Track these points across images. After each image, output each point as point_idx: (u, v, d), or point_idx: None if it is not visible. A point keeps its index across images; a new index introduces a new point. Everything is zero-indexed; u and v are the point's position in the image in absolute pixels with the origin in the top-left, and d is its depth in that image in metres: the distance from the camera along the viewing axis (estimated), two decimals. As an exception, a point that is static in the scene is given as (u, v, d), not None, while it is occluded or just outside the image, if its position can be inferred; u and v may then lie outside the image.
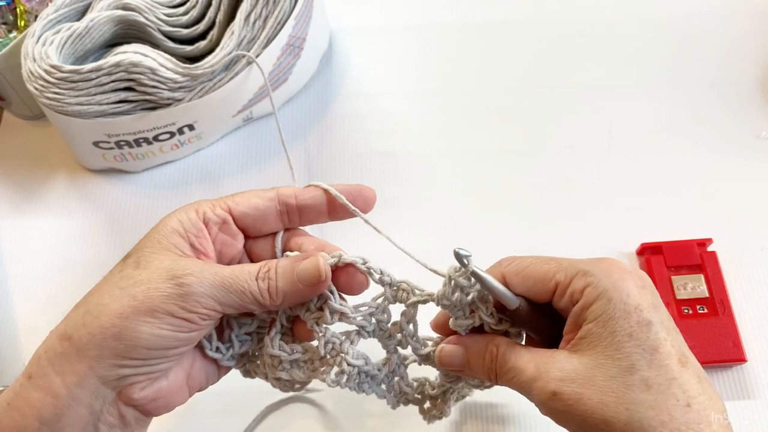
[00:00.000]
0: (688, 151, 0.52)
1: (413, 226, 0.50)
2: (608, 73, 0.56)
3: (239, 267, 0.33)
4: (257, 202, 0.35)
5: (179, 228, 0.34)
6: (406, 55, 0.58)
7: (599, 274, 0.30)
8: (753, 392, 0.44)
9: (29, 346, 0.47)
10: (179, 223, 0.34)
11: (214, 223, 0.35)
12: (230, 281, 0.32)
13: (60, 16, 0.49)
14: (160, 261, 0.32)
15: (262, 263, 0.34)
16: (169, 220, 0.34)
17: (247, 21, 0.48)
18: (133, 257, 0.33)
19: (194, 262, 0.33)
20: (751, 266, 0.48)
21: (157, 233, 0.34)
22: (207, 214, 0.34)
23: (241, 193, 0.36)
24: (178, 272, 0.31)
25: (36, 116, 0.56)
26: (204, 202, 0.35)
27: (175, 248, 0.33)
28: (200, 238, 0.34)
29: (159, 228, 0.34)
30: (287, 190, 0.36)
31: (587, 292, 0.30)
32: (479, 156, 0.53)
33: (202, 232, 0.34)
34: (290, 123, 0.55)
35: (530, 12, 0.60)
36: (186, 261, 0.32)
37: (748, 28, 0.58)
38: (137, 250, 0.33)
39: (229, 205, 0.35)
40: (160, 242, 0.33)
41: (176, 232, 0.33)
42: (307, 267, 0.33)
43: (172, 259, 0.32)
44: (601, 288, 0.29)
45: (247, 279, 0.33)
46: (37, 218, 0.52)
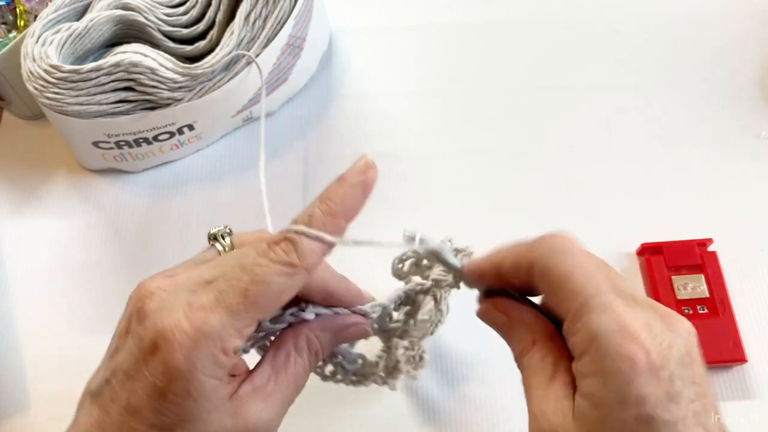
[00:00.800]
0: (688, 151, 0.52)
1: (413, 225, 0.50)
2: (608, 73, 0.56)
3: (295, 379, 0.30)
4: (288, 298, 0.28)
5: (215, 383, 0.26)
6: (406, 55, 0.58)
7: (606, 348, 0.24)
8: (753, 392, 0.44)
9: (29, 347, 0.47)
10: (213, 380, 0.26)
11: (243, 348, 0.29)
12: (297, 393, 0.30)
13: (60, 16, 0.49)
14: (220, 424, 0.27)
15: (310, 355, 0.31)
16: (200, 382, 0.26)
17: (247, 21, 0.48)
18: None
19: (255, 406, 0.28)
20: (752, 266, 0.47)
21: (195, 403, 0.26)
22: (238, 347, 0.27)
23: (262, 287, 0.26)
24: (256, 429, 0.28)
25: (36, 116, 0.56)
26: (224, 333, 0.26)
27: (221, 398, 0.27)
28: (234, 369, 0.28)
29: (192, 394, 0.26)
30: (312, 261, 0.28)
31: (584, 362, 0.25)
32: (479, 156, 0.53)
33: (236, 367, 0.28)
34: (290, 123, 0.55)
35: (530, 12, 0.60)
36: (245, 409, 0.27)
37: (748, 28, 0.58)
38: (179, 424, 0.26)
39: (258, 319, 0.27)
40: (208, 409, 0.26)
41: (217, 387, 0.26)
42: (354, 337, 0.33)
43: (230, 413, 0.27)
44: (599, 365, 0.24)
45: (305, 376, 0.31)
46: (37, 218, 0.52)
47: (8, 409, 0.45)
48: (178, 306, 0.26)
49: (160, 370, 0.25)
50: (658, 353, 0.24)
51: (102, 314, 0.48)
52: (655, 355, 0.24)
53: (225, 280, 0.27)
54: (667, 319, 0.26)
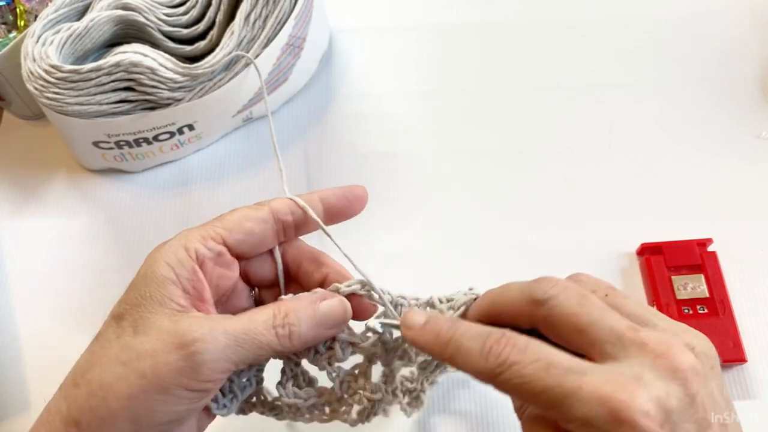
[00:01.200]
0: (688, 151, 0.52)
1: (413, 226, 0.50)
2: (608, 73, 0.56)
3: (250, 319, 0.30)
4: (251, 226, 0.32)
5: (170, 274, 0.30)
6: (406, 55, 0.58)
7: (603, 429, 0.24)
8: (753, 392, 0.44)
9: (29, 346, 0.47)
10: (169, 269, 0.30)
11: (208, 259, 0.31)
12: (244, 338, 0.29)
13: (60, 16, 0.49)
14: (159, 322, 0.29)
15: (274, 308, 0.31)
16: (157, 266, 0.30)
17: (247, 21, 0.48)
18: (129, 319, 0.30)
19: (198, 321, 0.29)
20: (752, 266, 0.47)
21: (147, 284, 0.30)
22: (199, 251, 0.31)
23: (230, 215, 0.33)
24: (185, 339, 0.28)
25: (36, 116, 0.56)
26: (191, 235, 0.31)
27: (171, 301, 0.30)
28: (194, 281, 0.30)
29: (148, 276, 0.30)
30: (280, 205, 0.33)
31: None
32: (479, 156, 0.53)
33: (196, 274, 0.30)
34: (290, 123, 0.55)
35: (530, 12, 0.60)
36: (189, 320, 0.29)
37: (748, 28, 0.58)
38: (131, 309, 0.30)
39: (222, 235, 0.32)
40: (153, 296, 0.30)
41: (168, 280, 0.30)
42: (332, 309, 0.31)
43: (172, 320, 0.29)
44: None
45: (263, 331, 0.30)
46: (37, 218, 0.52)
47: (8, 409, 0.45)
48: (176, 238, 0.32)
49: (140, 268, 0.31)
50: (655, 412, 0.24)
51: (102, 314, 0.47)
52: (653, 416, 0.23)
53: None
54: (659, 362, 0.25)
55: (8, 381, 0.46)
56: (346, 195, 0.35)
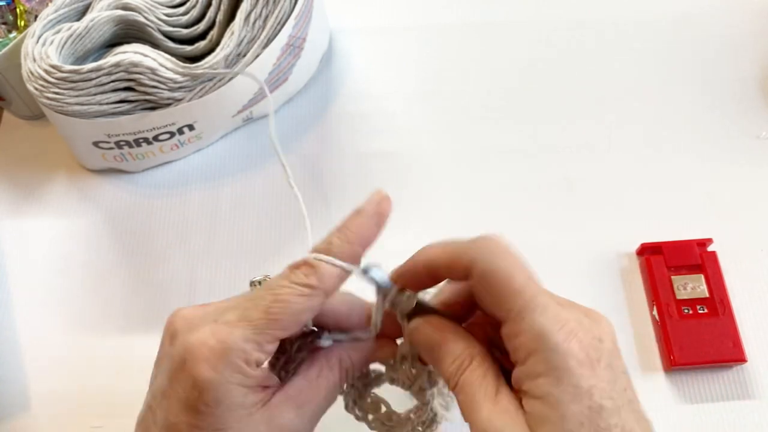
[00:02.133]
0: (688, 151, 0.52)
1: (413, 226, 0.50)
2: (608, 73, 0.56)
3: (326, 391, 0.31)
4: (306, 319, 0.30)
5: (243, 392, 0.28)
6: (406, 55, 0.58)
7: (554, 345, 0.25)
8: (753, 392, 0.44)
9: (29, 347, 0.47)
10: (240, 387, 0.27)
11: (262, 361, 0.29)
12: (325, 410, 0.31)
13: (60, 16, 0.49)
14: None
15: (340, 371, 0.32)
16: (228, 391, 0.27)
17: (247, 21, 0.48)
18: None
19: (289, 413, 0.29)
20: (752, 266, 0.48)
21: (228, 411, 0.27)
22: (260, 360, 0.28)
23: (281, 306, 0.28)
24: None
25: (36, 116, 0.56)
26: (247, 346, 0.27)
27: (253, 407, 0.28)
28: (259, 380, 0.29)
29: (224, 403, 0.27)
30: (332, 284, 0.30)
31: (532, 363, 0.26)
32: (479, 156, 0.53)
33: (262, 377, 0.29)
34: (290, 123, 0.55)
35: (530, 12, 0.60)
36: (279, 417, 0.29)
37: (748, 29, 0.58)
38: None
39: (278, 336, 0.29)
40: (240, 418, 0.28)
41: (245, 397, 0.28)
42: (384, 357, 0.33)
43: (265, 422, 0.28)
44: (550, 363, 0.25)
45: (335, 394, 0.32)
46: (37, 218, 0.52)
47: (8, 409, 0.45)
48: (206, 325, 0.28)
49: (189, 384, 0.27)
50: (594, 347, 0.26)
51: (102, 314, 0.48)
52: (592, 349, 0.26)
53: (250, 300, 0.29)
54: (590, 315, 0.27)
55: (8, 381, 0.46)
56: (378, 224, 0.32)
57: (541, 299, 0.27)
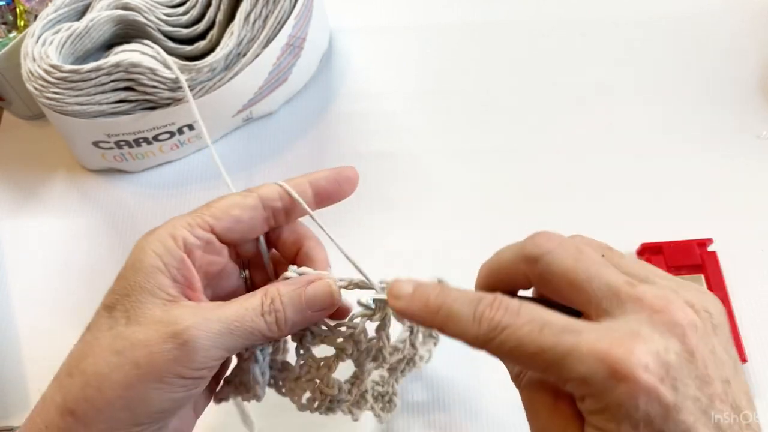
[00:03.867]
0: (688, 151, 0.52)
1: (413, 225, 0.50)
2: (608, 73, 0.56)
3: (240, 306, 0.30)
4: (239, 213, 0.32)
5: (158, 263, 0.30)
6: (406, 55, 0.58)
7: (601, 386, 0.23)
8: (753, 392, 0.43)
9: (29, 346, 0.47)
10: (157, 257, 0.30)
11: (196, 247, 0.31)
12: (236, 326, 0.30)
13: (60, 16, 0.49)
14: (151, 312, 0.29)
15: (262, 294, 0.31)
16: (145, 256, 0.30)
17: (246, 21, 0.48)
18: (120, 309, 0.30)
19: (189, 310, 0.29)
20: (752, 266, 0.47)
21: (136, 274, 0.30)
22: (187, 240, 0.31)
23: (217, 202, 0.32)
24: (177, 328, 0.28)
25: (36, 116, 0.56)
26: (178, 223, 0.31)
27: (160, 291, 0.30)
28: (183, 270, 0.30)
29: (136, 266, 0.30)
30: (268, 191, 0.33)
31: (588, 403, 0.24)
32: (479, 156, 0.53)
33: (183, 263, 0.31)
34: (290, 123, 0.55)
35: (530, 12, 0.60)
36: (180, 310, 0.29)
37: (748, 28, 0.58)
38: (122, 299, 0.30)
39: (210, 223, 0.32)
40: (143, 286, 0.30)
41: (156, 269, 0.30)
42: (317, 293, 0.31)
43: (163, 309, 0.29)
44: (604, 404, 0.23)
45: (253, 317, 0.30)
46: (37, 218, 0.52)
47: (8, 409, 0.45)
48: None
49: (127, 258, 0.31)
50: (654, 365, 0.23)
51: (102, 314, 0.48)
52: (652, 369, 0.23)
53: None
54: (657, 317, 0.24)
55: (8, 381, 0.46)
56: (336, 178, 0.34)
57: (566, 340, 0.24)
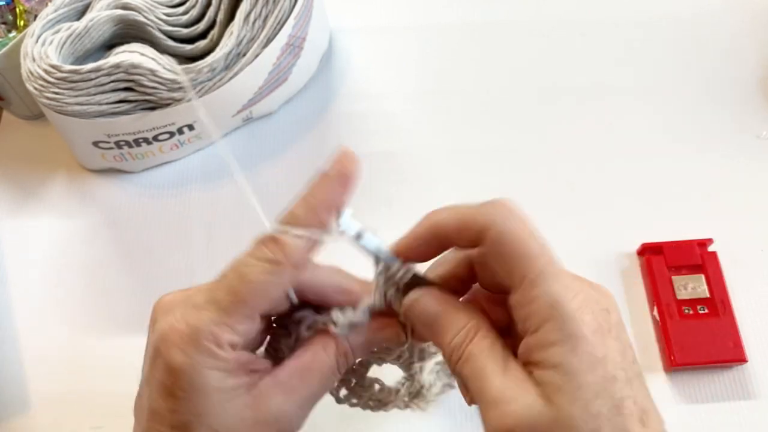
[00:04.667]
0: (688, 151, 0.52)
1: (413, 225, 0.50)
2: (608, 73, 0.56)
3: (320, 375, 0.29)
4: (276, 297, 0.29)
5: (219, 376, 0.27)
6: (406, 55, 0.58)
7: (570, 313, 0.25)
8: (753, 392, 0.44)
9: (29, 347, 0.47)
10: (216, 371, 0.27)
11: (239, 342, 0.28)
12: (319, 396, 0.30)
13: (59, 16, 0.49)
14: (239, 417, 0.27)
15: (335, 353, 0.30)
16: (202, 376, 0.26)
17: (246, 20, 0.48)
18: (202, 430, 0.27)
19: (277, 398, 0.28)
20: (752, 266, 0.47)
21: (205, 396, 0.26)
22: (233, 342, 0.27)
23: (247, 285, 0.28)
24: (277, 422, 0.28)
25: (35, 116, 0.56)
26: (216, 329, 0.27)
27: (235, 391, 0.27)
28: (239, 363, 0.28)
29: (199, 389, 0.26)
30: (300, 258, 0.28)
31: (545, 331, 0.25)
32: (479, 156, 0.53)
33: (239, 359, 0.28)
34: (290, 123, 0.55)
35: (530, 12, 0.60)
36: (266, 401, 0.28)
37: (748, 28, 0.58)
38: (197, 419, 0.27)
39: (247, 315, 0.28)
40: (221, 402, 0.27)
41: (221, 381, 0.27)
42: (386, 339, 0.31)
43: (249, 405, 0.27)
44: (564, 331, 0.24)
45: (333, 380, 0.30)
46: (37, 218, 0.52)
47: (8, 409, 0.45)
48: (177, 309, 0.28)
49: (164, 369, 0.27)
50: (604, 318, 0.25)
51: (102, 314, 0.48)
52: (603, 320, 0.25)
53: (218, 281, 0.28)
54: (595, 287, 0.27)
55: (8, 381, 0.46)
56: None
57: (555, 267, 0.26)
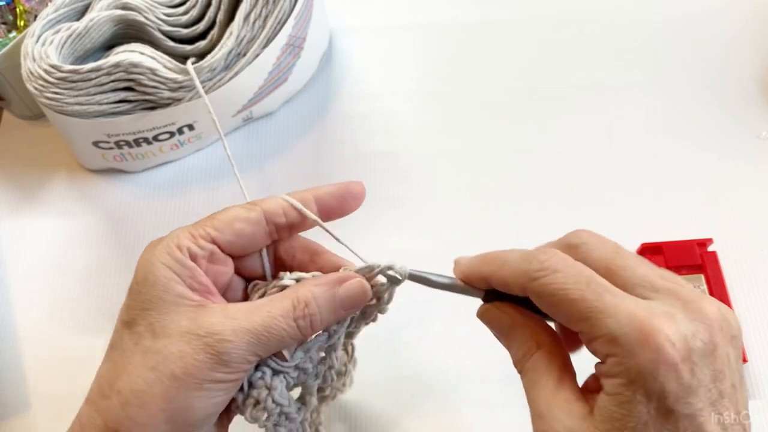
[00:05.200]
0: (688, 151, 0.52)
1: (414, 225, 0.50)
2: (608, 73, 0.56)
3: (269, 313, 0.30)
4: (242, 227, 0.32)
5: (171, 274, 0.30)
6: (406, 55, 0.58)
7: (628, 347, 0.25)
8: (753, 392, 0.44)
9: (29, 347, 0.47)
10: (167, 269, 0.30)
11: (201, 257, 0.31)
12: (266, 335, 0.30)
13: (60, 16, 0.49)
14: (177, 323, 0.29)
15: (293, 298, 0.31)
16: (156, 269, 0.30)
17: (246, 20, 0.48)
18: (143, 324, 0.30)
19: (218, 319, 0.29)
20: (752, 266, 0.47)
21: (152, 287, 0.30)
22: (192, 249, 0.31)
23: (221, 214, 0.32)
24: (209, 336, 0.29)
25: (36, 116, 0.56)
26: (181, 234, 0.31)
27: (182, 299, 0.30)
28: (197, 277, 0.31)
29: (150, 280, 0.30)
30: (272, 206, 0.33)
31: (609, 364, 0.26)
32: (479, 156, 0.53)
33: (194, 270, 0.31)
34: (290, 123, 0.55)
35: (530, 12, 0.60)
36: (208, 317, 0.29)
37: (748, 28, 0.58)
38: (142, 313, 0.30)
39: (212, 235, 0.32)
40: (164, 298, 0.30)
41: (171, 280, 0.30)
42: (352, 292, 0.31)
43: (189, 317, 0.29)
44: (623, 366, 0.25)
45: (284, 326, 0.30)
46: (37, 218, 0.52)
47: (8, 409, 0.45)
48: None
49: (137, 269, 0.31)
50: (681, 345, 0.24)
51: (102, 314, 0.48)
52: (678, 348, 0.24)
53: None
54: (690, 306, 0.26)
55: (8, 381, 0.46)
56: (342, 193, 0.34)
57: (607, 300, 0.26)
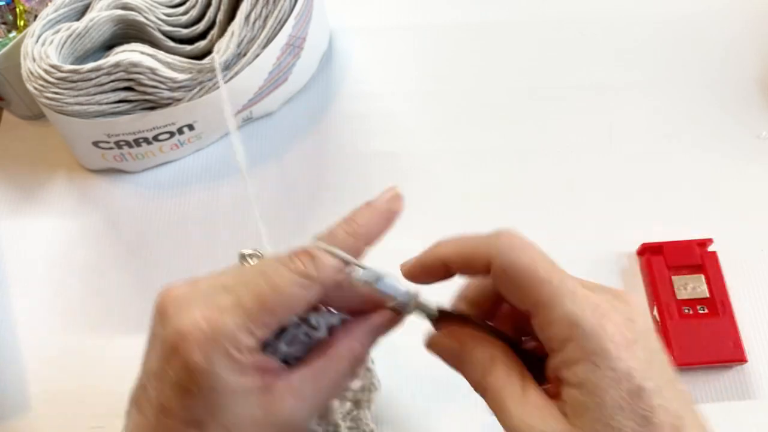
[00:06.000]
0: (688, 151, 0.52)
1: (413, 225, 0.50)
2: (608, 73, 0.56)
3: (335, 372, 0.30)
4: (299, 307, 0.29)
5: (236, 378, 0.27)
6: (406, 55, 0.58)
7: (590, 330, 0.25)
8: (753, 392, 0.44)
9: (29, 347, 0.47)
10: (231, 372, 0.27)
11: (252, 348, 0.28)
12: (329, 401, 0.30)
13: (59, 16, 0.49)
14: (250, 415, 0.27)
15: (350, 357, 0.30)
16: (216, 377, 0.26)
17: (247, 21, 0.48)
18: (212, 424, 0.27)
19: (288, 401, 0.28)
20: (752, 266, 0.47)
21: (213, 392, 0.27)
22: (252, 345, 0.27)
23: (272, 293, 0.28)
24: (285, 425, 0.28)
25: (36, 116, 0.56)
26: (236, 329, 0.27)
27: (248, 391, 0.27)
28: (255, 363, 0.28)
29: (208, 385, 0.26)
30: (330, 275, 0.28)
31: (568, 350, 0.26)
32: (479, 156, 0.53)
33: (254, 359, 0.28)
34: (290, 123, 0.55)
35: (530, 12, 0.60)
36: (278, 402, 0.28)
37: (748, 28, 0.58)
38: (209, 413, 0.27)
39: (270, 324, 0.28)
40: (231, 397, 0.27)
41: (235, 382, 0.27)
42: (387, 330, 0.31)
43: (261, 406, 0.28)
44: (586, 349, 0.25)
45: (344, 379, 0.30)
46: (37, 218, 0.52)
47: (8, 409, 0.45)
48: (197, 308, 0.27)
49: (181, 367, 0.27)
50: (628, 328, 0.26)
51: (102, 314, 0.48)
52: (627, 330, 0.26)
53: (244, 285, 0.28)
54: (621, 298, 0.27)
55: (8, 381, 0.46)
56: (387, 218, 0.32)
57: (568, 284, 0.26)
